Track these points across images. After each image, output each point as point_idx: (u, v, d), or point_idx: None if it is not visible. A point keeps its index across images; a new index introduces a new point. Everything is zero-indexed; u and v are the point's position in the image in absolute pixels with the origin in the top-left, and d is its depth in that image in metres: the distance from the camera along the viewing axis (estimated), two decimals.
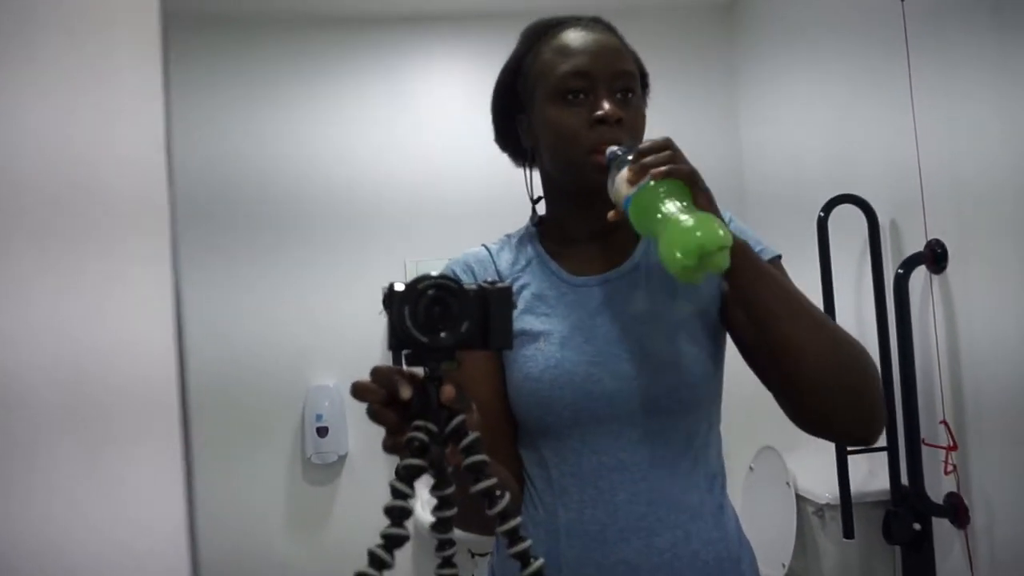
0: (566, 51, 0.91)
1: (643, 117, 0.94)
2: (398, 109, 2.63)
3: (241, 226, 2.53)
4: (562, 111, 0.90)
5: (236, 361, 2.46)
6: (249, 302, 2.50)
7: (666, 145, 0.79)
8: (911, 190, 1.84)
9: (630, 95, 0.91)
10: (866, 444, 0.88)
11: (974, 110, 1.65)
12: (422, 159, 2.62)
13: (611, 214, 0.81)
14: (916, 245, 1.82)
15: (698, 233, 0.71)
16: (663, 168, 0.76)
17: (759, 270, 0.82)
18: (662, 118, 1.08)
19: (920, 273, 1.81)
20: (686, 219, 0.73)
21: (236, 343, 2.46)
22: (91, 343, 0.45)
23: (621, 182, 0.80)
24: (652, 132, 0.99)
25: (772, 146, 2.55)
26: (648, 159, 0.78)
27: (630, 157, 0.80)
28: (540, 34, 0.96)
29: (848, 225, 1.98)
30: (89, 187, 0.45)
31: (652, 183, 0.76)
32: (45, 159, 0.45)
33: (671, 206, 0.75)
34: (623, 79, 0.91)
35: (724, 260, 0.73)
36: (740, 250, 0.79)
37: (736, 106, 2.75)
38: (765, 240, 0.94)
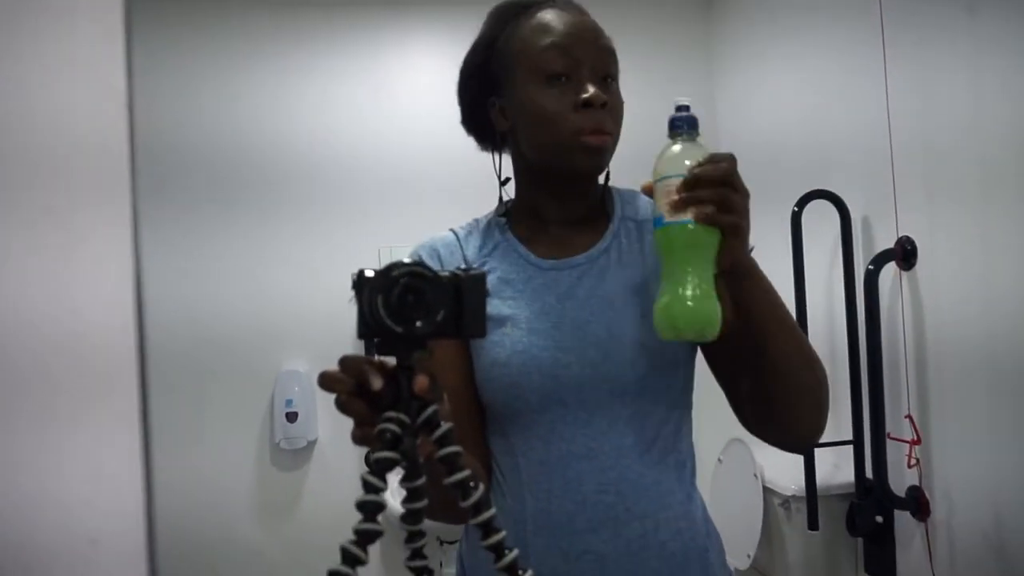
0: (546, 29, 0.88)
1: (622, 101, 0.92)
2: (373, 90, 2.59)
3: (209, 207, 2.47)
4: (545, 93, 0.87)
5: (205, 345, 2.42)
6: (219, 286, 2.46)
7: (725, 176, 0.72)
8: (883, 187, 1.86)
9: (610, 79, 0.89)
10: (804, 451, 0.92)
11: (948, 109, 1.67)
12: (398, 143, 2.58)
13: (644, 184, 0.78)
14: (887, 242, 1.84)
15: (699, 322, 0.73)
16: (708, 212, 0.71)
17: (765, 291, 0.81)
18: (639, 100, 1.07)
19: (890, 269, 1.83)
20: (696, 296, 0.73)
21: (205, 327, 2.42)
22: (46, 310, 0.43)
23: (665, 193, 0.73)
24: (627, 111, 0.98)
25: (748, 135, 2.56)
26: (701, 193, 0.72)
27: (687, 163, 0.73)
28: (513, 14, 0.93)
29: (821, 219, 2.00)
30: (45, 152, 0.43)
31: (691, 225, 0.72)
32: None
33: (694, 265, 0.73)
34: (604, 60, 0.89)
35: (712, 335, 0.75)
36: (748, 270, 0.79)
37: (712, 93, 2.75)
38: None
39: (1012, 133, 1.51)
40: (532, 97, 0.88)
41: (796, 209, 1.95)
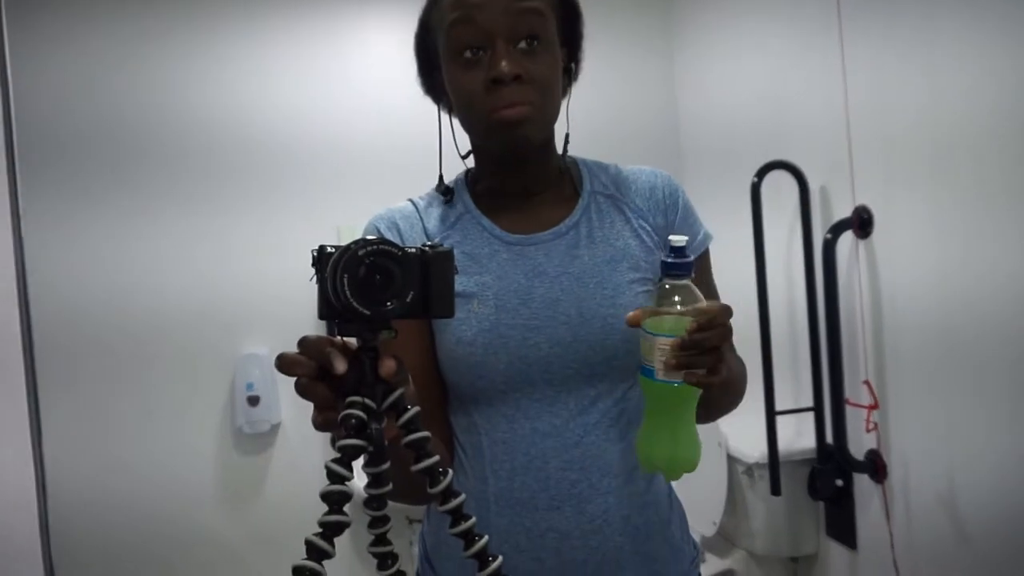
0: (458, 3, 0.83)
1: (555, 64, 0.86)
2: (325, 60, 2.48)
3: (149, 189, 2.36)
4: (461, 72, 0.83)
5: (156, 331, 2.34)
6: (169, 270, 2.37)
7: (721, 342, 0.70)
8: (840, 157, 1.87)
9: (535, 42, 0.83)
10: None
11: (903, 81, 1.69)
12: (355, 113, 2.49)
13: (631, 316, 0.74)
14: (844, 211, 1.87)
15: (680, 466, 0.76)
16: (699, 378, 0.70)
17: (727, 383, 0.76)
18: (598, 74, 1.04)
19: (847, 238, 1.86)
20: (681, 443, 0.76)
21: (156, 312, 2.34)
22: None
23: (659, 351, 0.71)
24: (587, 86, 0.95)
25: (708, 106, 2.56)
26: (695, 360, 0.69)
27: (674, 308, 0.72)
28: None
29: (780, 190, 2.01)
30: None
31: (680, 385, 0.71)
32: None
33: (679, 416, 0.75)
34: (525, 23, 0.81)
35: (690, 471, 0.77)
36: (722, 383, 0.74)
37: (673, 65, 2.73)
38: (703, 219, 0.96)
39: (965, 106, 1.53)
40: (451, 77, 0.85)
41: (756, 179, 1.97)
